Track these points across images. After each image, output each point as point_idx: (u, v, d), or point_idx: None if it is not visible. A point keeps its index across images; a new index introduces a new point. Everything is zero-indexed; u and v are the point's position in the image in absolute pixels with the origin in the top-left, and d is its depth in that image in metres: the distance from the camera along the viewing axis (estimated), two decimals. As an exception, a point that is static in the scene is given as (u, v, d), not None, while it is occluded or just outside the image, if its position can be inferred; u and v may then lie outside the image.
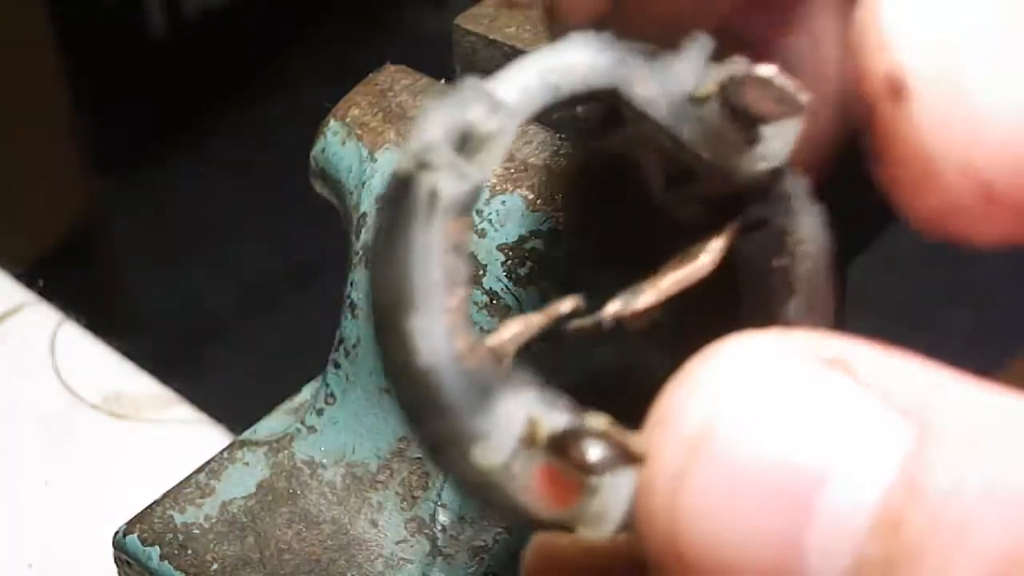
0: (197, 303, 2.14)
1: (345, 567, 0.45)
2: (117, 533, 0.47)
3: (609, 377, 0.40)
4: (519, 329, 0.27)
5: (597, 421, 0.26)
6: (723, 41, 0.29)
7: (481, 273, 0.43)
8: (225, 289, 2.16)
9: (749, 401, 0.24)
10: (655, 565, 0.24)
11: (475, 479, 0.26)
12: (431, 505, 0.45)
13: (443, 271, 0.25)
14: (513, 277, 0.43)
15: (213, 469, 0.48)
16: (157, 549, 0.46)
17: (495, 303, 0.43)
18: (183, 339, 2.04)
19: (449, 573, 0.45)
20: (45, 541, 0.64)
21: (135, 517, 0.47)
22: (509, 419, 0.25)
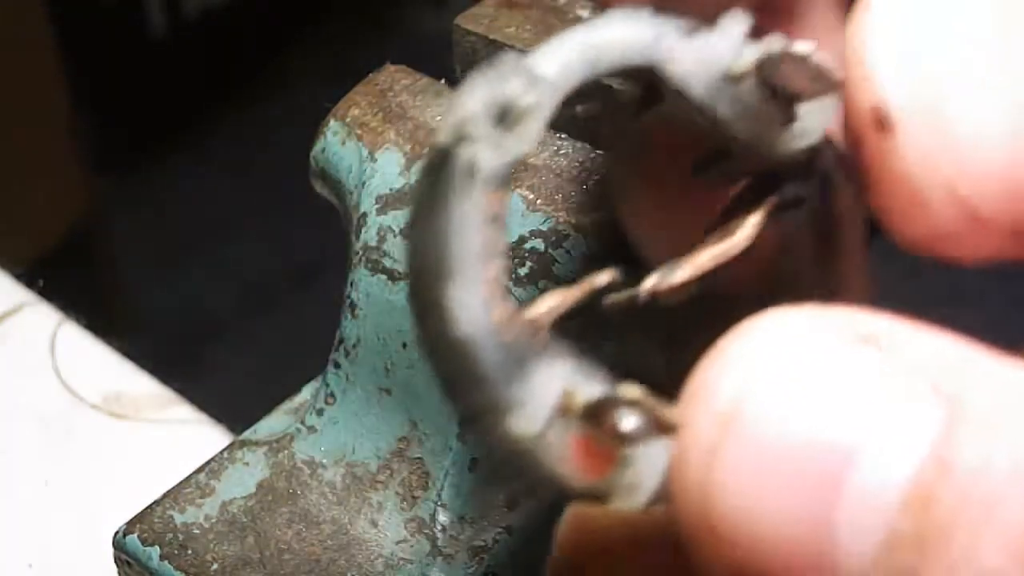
0: (197, 303, 2.14)
1: (345, 567, 0.45)
2: (117, 533, 0.47)
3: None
4: (556, 301, 0.28)
5: (632, 391, 0.26)
6: (761, 18, 0.29)
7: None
8: (225, 289, 2.16)
9: (779, 378, 0.24)
10: (688, 538, 0.25)
11: (510, 448, 0.26)
12: (431, 505, 0.45)
13: (481, 242, 0.26)
14: (513, 277, 0.43)
15: (213, 469, 0.48)
16: (157, 549, 0.46)
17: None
18: (183, 339, 2.04)
19: (449, 573, 0.45)
20: (45, 541, 0.64)
21: (135, 517, 0.47)
22: (544, 389, 0.26)
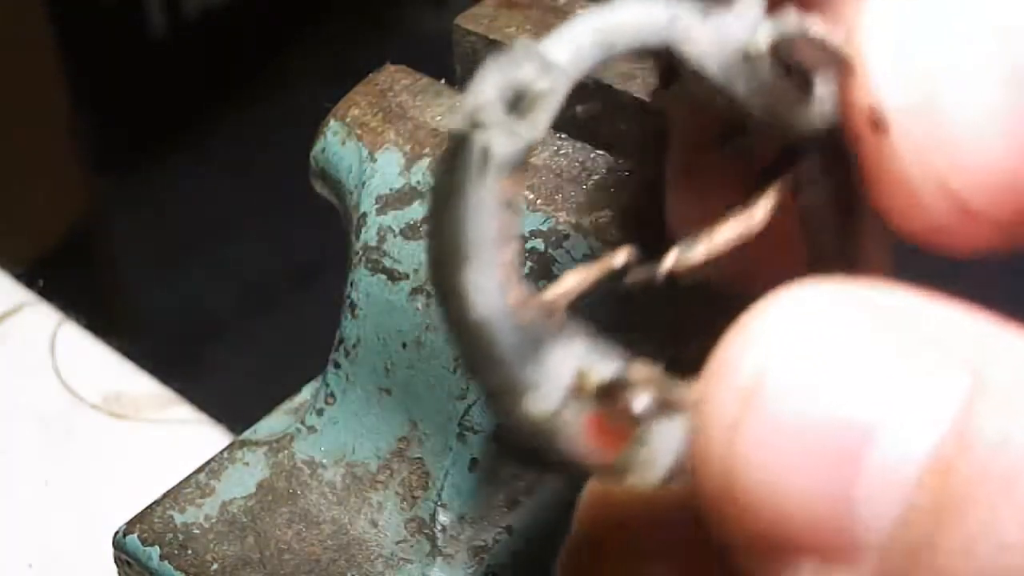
0: (197, 303, 2.14)
1: (345, 567, 0.45)
2: (117, 533, 0.47)
3: None
4: (573, 283, 0.28)
5: (645, 371, 0.26)
6: None
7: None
8: (225, 289, 2.16)
9: (800, 353, 0.25)
10: (709, 511, 0.25)
11: (527, 428, 0.26)
12: (431, 505, 0.45)
13: (496, 227, 0.26)
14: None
15: (213, 469, 0.48)
16: (157, 549, 0.46)
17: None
18: (183, 339, 2.04)
19: (449, 573, 0.45)
20: (45, 541, 0.64)
21: (135, 517, 0.47)
22: (559, 369, 0.26)
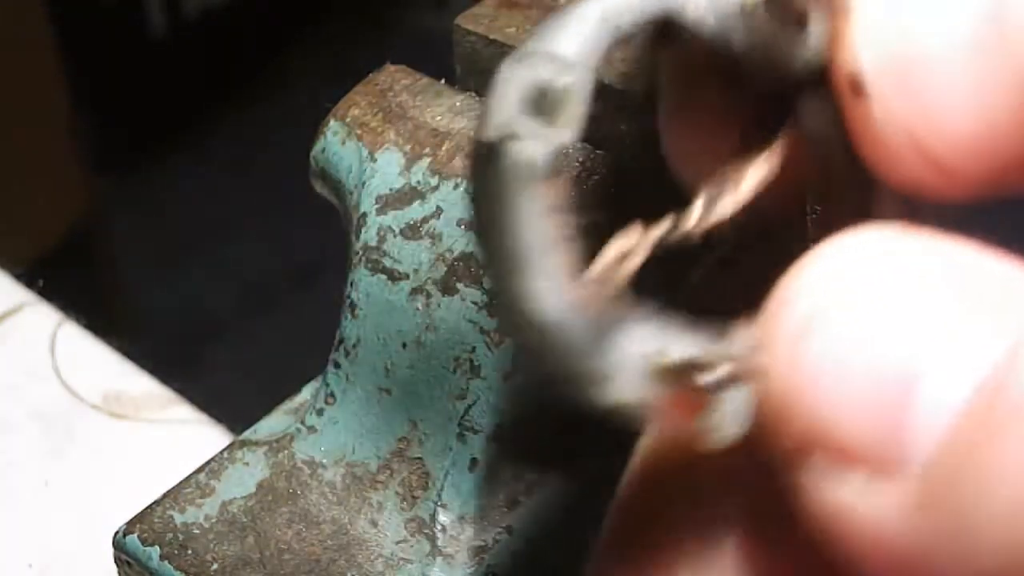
0: (197, 303, 2.14)
1: (345, 567, 0.45)
2: (117, 533, 0.47)
3: None
4: (625, 267, 0.28)
5: (714, 349, 0.27)
6: None
7: (481, 272, 0.43)
8: (225, 289, 2.16)
9: (850, 299, 0.26)
10: (773, 424, 0.26)
11: (605, 414, 0.27)
12: (431, 505, 0.45)
13: (544, 232, 0.26)
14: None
15: (213, 469, 0.48)
16: (157, 549, 0.46)
17: (495, 303, 0.43)
18: (183, 339, 2.04)
19: (449, 573, 0.45)
20: (45, 541, 0.64)
21: (135, 517, 0.47)
22: (632, 356, 0.27)
